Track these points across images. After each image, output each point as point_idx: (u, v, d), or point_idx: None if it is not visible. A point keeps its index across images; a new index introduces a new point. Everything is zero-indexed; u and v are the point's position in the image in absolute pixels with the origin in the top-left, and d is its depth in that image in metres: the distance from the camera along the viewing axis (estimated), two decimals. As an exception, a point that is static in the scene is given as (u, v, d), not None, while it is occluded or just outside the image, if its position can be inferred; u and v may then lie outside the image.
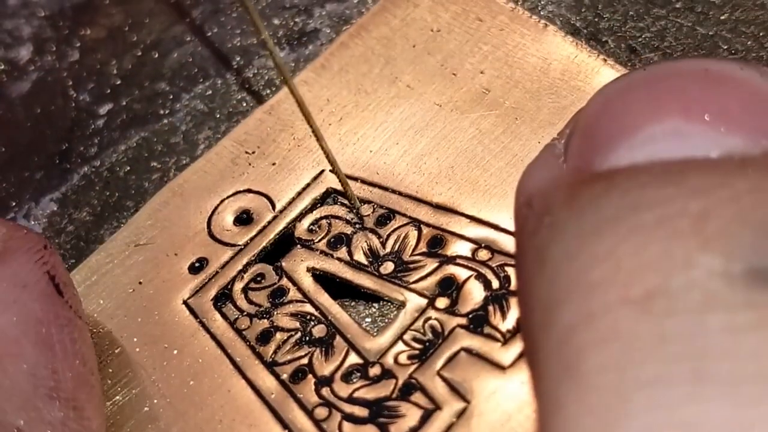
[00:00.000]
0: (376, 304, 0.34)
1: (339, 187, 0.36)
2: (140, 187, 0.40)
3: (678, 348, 0.18)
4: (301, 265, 0.34)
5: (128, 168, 0.41)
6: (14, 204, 0.41)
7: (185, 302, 0.35)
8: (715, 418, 0.17)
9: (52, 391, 0.29)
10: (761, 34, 0.36)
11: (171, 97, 0.43)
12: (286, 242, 0.35)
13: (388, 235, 0.34)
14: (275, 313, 0.34)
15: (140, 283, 0.36)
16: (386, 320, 0.33)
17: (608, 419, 0.18)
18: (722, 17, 0.37)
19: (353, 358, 0.32)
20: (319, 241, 0.35)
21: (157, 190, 0.39)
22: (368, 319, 0.34)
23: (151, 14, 0.45)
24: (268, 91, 0.41)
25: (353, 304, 0.34)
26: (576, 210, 0.22)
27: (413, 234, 0.34)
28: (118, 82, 0.44)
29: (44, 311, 0.30)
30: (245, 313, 0.34)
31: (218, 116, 0.41)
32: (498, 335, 0.31)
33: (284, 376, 0.32)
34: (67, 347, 0.30)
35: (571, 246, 0.21)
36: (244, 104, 0.42)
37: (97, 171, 0.41)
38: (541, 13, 0.39)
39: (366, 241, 0.34)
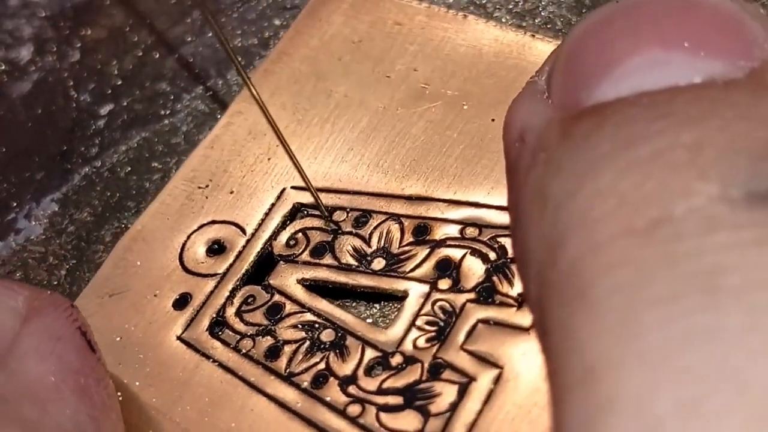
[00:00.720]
0: (377, 305, 0.34)
1: (305, 200, 0.36)
2: (141, 188, 0.41)
3: (687, 267, 0.19)
4: (289, 279, 0.35)
5: (129, 168, 0.41)
6: (15, 204, 0.41)
7: (179, 338, 0.34)
8: (729, 324, 0.18)
9: None
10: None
11: (172, 97, 0.43)
12: (266, 262, 0.36)
13: (370, 234, 0.35)
14: (277, 328, 0.34)
15: (125, 329, 0.35)
16: (388, 320, 0.34)
17: (623, 336, 0.19)
18: (722, 18, 0.38)
19: (371, 353, 0.32)
20: (301, 253, 0.35)
21: (158, 191, 0.39)
22: (369, 320, 0.34)
23: (152, 15, 0.45)
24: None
25: (354, 304, 0.35)
26: (571, 147, 0.22)
27: (395, 227, 0.34)
28: (119, 83, 0.44)
29: (80, 364, 0.29)
30: (246, 335, 0.34)
31: (219, 117, 0.41)
32: (511, 301, 0.31)
33: (305, 385, 0.32)
34: (104, 400, 0.30)
35: (570, 183, 0.22)
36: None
37: (98, 171, 0.42)
38: (542, 13, 0.40)
39: (349, 244, 0.35)
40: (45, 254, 0.40)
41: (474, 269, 0.32)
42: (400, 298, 0.33)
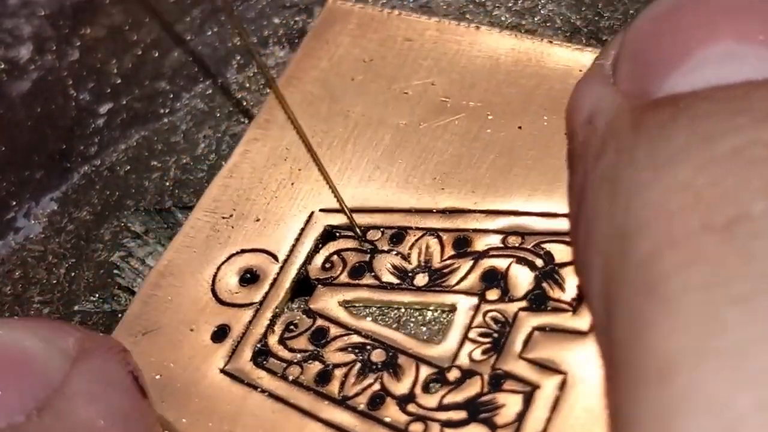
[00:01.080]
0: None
1: (336, 222, 0.36)
2: (140, 187, 0.41)
3: (766, 265, 0.19)
4: (330, 301, 0.34)
5: (128, 167, 0.41)
6: (15, 203, 0.41)
7: (223, 371, 0.33)
8: None
9: None
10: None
11: (171, 96, 0.43)
12: (304, 287, 0.35)
13: (409, 251, 0.34)
14: (324, 352, 0.33)
15: (165, 366, 0.34)
16: (387, 318, 0.34)
17: (701, 334, 0.19)
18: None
19: (426, 370, 0.31)
20: (339, 275, 0.34)
21: (157, 190, 0.39)
22: (368, 318, 0.33)
23: (151, 13, 0.45)
24: (268, 91, 0.41)
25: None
26: (644, 138, 0.22)
27: (434, 242, 0.34)
28: (119, 81, 0.43)
29: (131, 408, 0.29)
30: (292, 362, 0.33)
31: (218, 115, 0.41)
32: (565, 306, 0.31)
33: (361, 407, 0.31)
34: None
35: (644, 175, 0.22)
36: (245, 103, 0.42)
37: (98, 170, 0.42)
38: (542, 12, 0.40)
39: (388, 262, 0.34)
40: (44, 253, 0.40)
41: (522, 277, 0.32)
42: (448, 311, 0.33)
